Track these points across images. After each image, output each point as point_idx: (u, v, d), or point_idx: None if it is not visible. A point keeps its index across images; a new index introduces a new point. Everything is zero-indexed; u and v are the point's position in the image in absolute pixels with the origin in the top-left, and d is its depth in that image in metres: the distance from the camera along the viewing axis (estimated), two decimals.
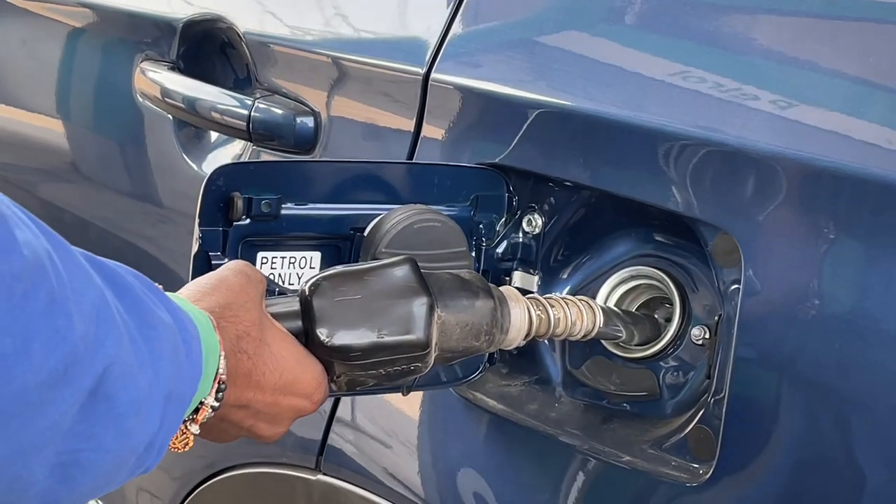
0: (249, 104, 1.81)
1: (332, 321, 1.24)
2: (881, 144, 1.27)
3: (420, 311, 1.27)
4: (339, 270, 1.28)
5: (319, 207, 1.45)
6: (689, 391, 1.49)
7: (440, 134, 1.60)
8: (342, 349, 1.24)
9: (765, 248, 1.32)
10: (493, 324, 1.35)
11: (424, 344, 1.27)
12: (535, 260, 1.57)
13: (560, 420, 1.54)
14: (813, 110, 1.32)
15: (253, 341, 1.18)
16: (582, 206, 1.55)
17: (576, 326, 1.44)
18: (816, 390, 1.29)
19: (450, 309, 1.31)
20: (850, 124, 1.29)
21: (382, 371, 1.27)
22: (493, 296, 1.35)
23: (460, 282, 1.34)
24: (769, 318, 1.32)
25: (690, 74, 1.41)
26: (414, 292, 1.28)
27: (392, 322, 1.26)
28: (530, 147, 1.51)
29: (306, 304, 1.25)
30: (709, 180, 1.36)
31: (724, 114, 1.35)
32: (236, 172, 1.40)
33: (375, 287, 1.27)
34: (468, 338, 1.33)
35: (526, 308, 1.40)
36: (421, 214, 1.44)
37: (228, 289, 1.19)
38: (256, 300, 1.21)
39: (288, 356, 1.21)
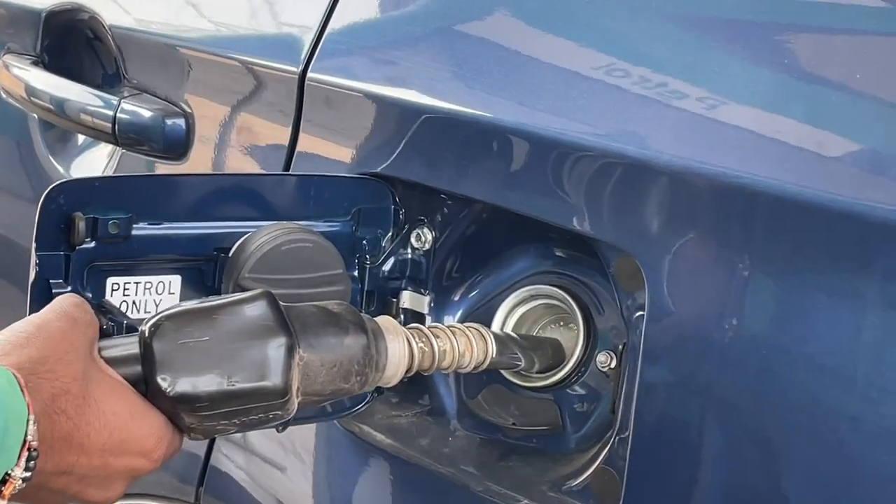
0: (115, 104, 1.65)
1: (174, 367, 1.09)
2: (796, 157, 1.13)
3: (277, 353, 1.12)
4: (185, 308, 1.13)
5: (178, 227, 1.30)
6: (594, 424, 1.36)
7: (319, 139, 1.46)
8: (186, 399, 1.09)
9: (670, 271, 1.19)
10: (366, 362, 1.20)
11: (283, 391, 1.12)
12: (426, 278, 1.43)
13: (454, 456, 1.40)
14: (723, 118, 1.18)
15: (74, 398, 1.03)
16: (475, 219, 1.41)
17: (464, 358, 1.30)
18: (729, 428, 1.16)
19: (314, 349, 1.16)
20: (765, 135, 1.15)
21: (237, 420, 1.12)
22: (365, 330, 1.21)
23: (327, 316, 1.19)
24: (676, 347, 1.19)
25: (590, 77, 1.26)
26: (270, 332, 1.13)
27: (244, 367, 1.11)
28: (417, 155, 1.38)
29: (146, 347, 1.11)
30: (609, 196, 1.22)
31: (627, 122, 1.21)
32: (79, 189, 1.24)
33: (226, 327, 1.12)
34: (336, 379, 1.18)
35: (406, 341, 1.25)
36: (290, 234, 1.29)
37: (47, 337, 1.04)
38: (82, 348, 1.06)
39: (121, 411, 1.06)
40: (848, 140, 1.11)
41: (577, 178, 1.24)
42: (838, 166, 1.11)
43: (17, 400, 0.97)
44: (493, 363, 1.33)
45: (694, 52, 1.22)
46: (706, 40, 1.23)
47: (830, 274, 1.09)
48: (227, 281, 1.28)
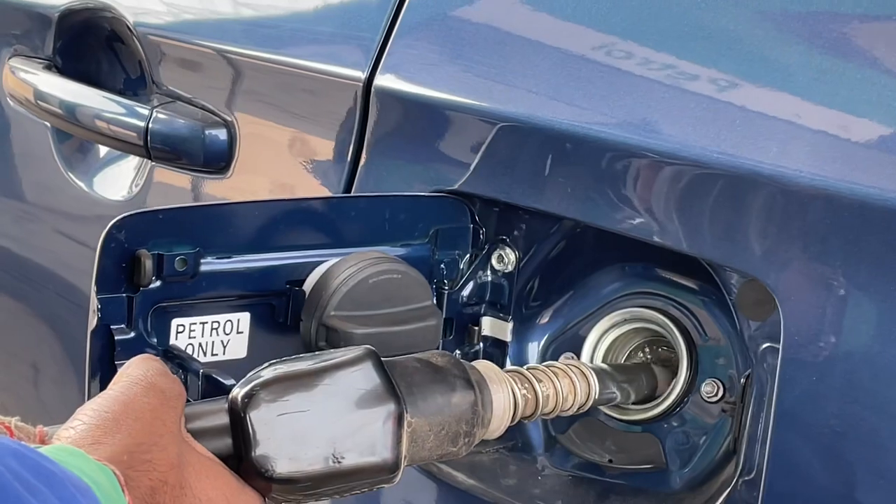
0: (146, 114, 1.51)
1: (273, 445, 0.97)
2: None
3: (387, 424, 1.00)
4: (281, 373, 1.00)
5: (247, 259, 1.18)
6: (702, 461, 1.24)
7: (385, 154, 1.33)
8: (288, 481, 0.97)
9: (808, 297, 1.07)
10: (475, 421, 1.09)
11: (394, 465, 1.01)
12: (508, 303, 1.32)
13: (545, 497, 1.30)
14: (873, 132, 1.06)
15: (171, 489, 0.90)
16: (563, 237, 1.29)
17: (567, 402, 1.19)
18: (876, 475, 1.04)
19: (422, 412, 1.04)
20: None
21: (339, 495, 1.00)
22: (472, 385, 1.09)
23: (433, 372, 1.07)
24: (818, 384, 1.07)
25: (708, 79, 1.14)
26: (378, 398, 1.01)
27: (352, 442, 0.99)
28: (496, 169, 1.26)
29: (238, 420, 0.98)
30: (734, 217, 1.10)
31: (757, 134, 1.09)
32: (142, 223, 1.12)
33: (329, 395, 0.99)
34: (444, 443, 1.06)
35: (510, 389, 1.13)
36: (377, 265, 1.17)
37: (137, 419, 0.90)
38: (174, 427, 0.93)
39: (216, 497, 0.94)
40: None
41: (696, 197, 1.12)
42: None
43: (117, 496, 0.83)
44: (595, 403, 1.22)
45: (829, 62, 1.10)
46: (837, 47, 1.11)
47: None
48: (309, 319, 1.16)
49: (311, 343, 1.16)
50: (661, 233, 1.16)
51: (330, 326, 1.15)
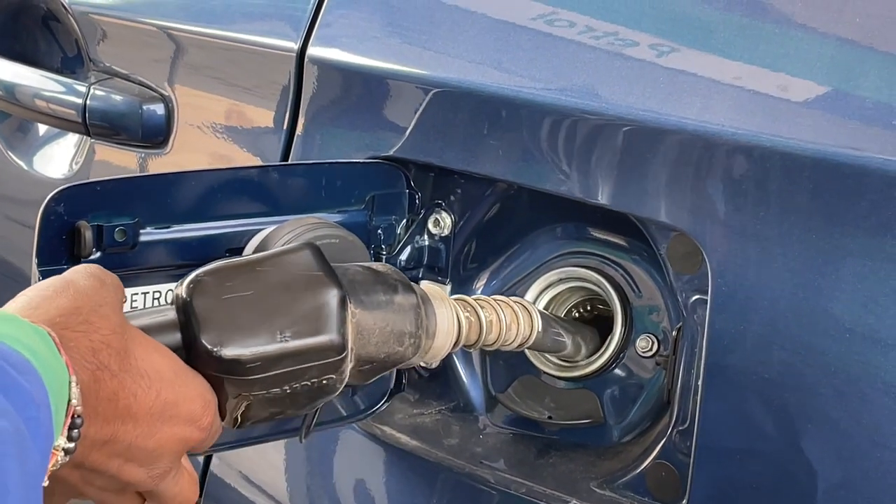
0: (84, 91, 1.52)
1: (221, 325, 0.97)
2: (876, 125, 1.05)
3: (331, 305, 1.01)
4: (223, 263, 1.02)
5: (186, 229, 1.19)
6: (638, 414, 1.27)
7: (321, 123, 1.35)
8: (237, 361, 0.97)
9: (735, 250, 1.09)
10: (419, 323, 1.10)
11: (340, 346, 1.01)
12: (445, 266, 1.34)
13: (487, 455, 1.31)
14: (789, 85, 1.09)
15: (116, 353, 0.90)
16: (498, 200, 1.31)
17: (510, 332, 1.20)
18: (809, 420, 1.08)
19: (365, 305, 1.05)
20: (830, 105, 1.07)
21: (288, 388, 1.00)
22: (414, 291, 1.11)
23: (374, 274, 1.09)
24: (746, 332, 1.10)
25: (632, 40, 1.17)
26: (321, 283, 1.02)
27: (297, 320, 0.99)
28: (431, 135, 1.28)
29: (185, 306, 0.98)
30: (661, 173, 1.13)
31: (680, 91, 1.12)
32: (81, 195, 1.13)
33: (272, 279, 1.00)
34: (390, 341, 1.07)
35: (453, 309, 1.15)
36: (315, 230, 1.19)
37: (77, 290, 0.91)
38: (116, 306, 0.94)
39: (165, 370, 0.94)
40: None
41: (625, 155, 1.14)
42: None
43: (55, 361, 0.84)
44: (539, 342, 1.23)
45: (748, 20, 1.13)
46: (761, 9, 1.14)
47: None
48: None
49: None
50: (590, 191, 1.18)
51: None
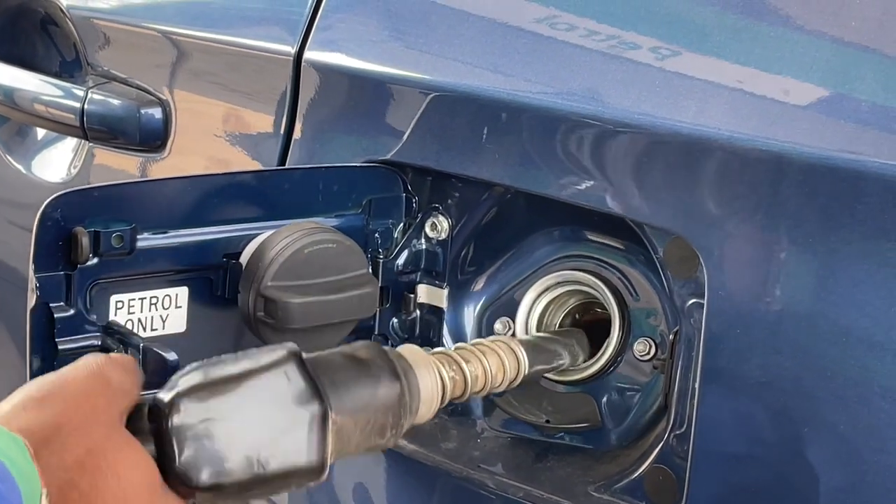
0: (82, 95, 1.52)
1: (196, 453, 0.96)
2: (871, 130, 1.05)
3: (312, 426, 1.00)
4: (203, 379, 0.99)
5: (183, 234, 1.19)
6: (636, 418, 1.27)
7: (318, 127, 1.35)
8: (213, 488, 0.97)
9: (732, 254, 1.10)
10: (402, 412, 1.08)
11: (320, 467, 1.01)
12: (443, 270, 1.34)
13: (484, 459, 1.31)
14: (786, 89, 1.09)
15: (88, 473, 0.90)
16: (495, 204, 1.32)
17: (497, 379, 1.20)
18: (806, 425, 1.07)
19: (347, 409, 1.03)
20: (827, 109, 1.07)
21: (265, 497, 1.01)
22: (398, 375, 1.08)
23: (356, 366, 1.06)
24: (743, 336, 1.10)
25: (628, 43, 1.17)
26: (302, 400, 1.00)
27: (277, 447, 0.98)
28: (428, 138, 1.28)
29: (161, 429, 0.97)
30: (657, 177, 1.13)
31: (676, 94, 1.12)
32: (77, 201, 1.13)
33: (252, 398, 0.99)
34: (371, 437, 1.06)
35: (436, 373, 1.13)
36: (312, 235, 1.19)
37: (66, 399, 0.91)
38: (106, 415, 0.93)
39: (141, 489, 0.93)
40: None
41: (621, 159, 1.15)
42: None
43: (29, 470, 0.84)
44: (529, 376, 1.23)
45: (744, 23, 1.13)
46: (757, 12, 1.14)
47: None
48: (246, 291, 1.17)
49: (249, 314, 1.18)
50: (586, 195, 1.18)
51: (267, 297, 1.16)
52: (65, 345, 1.13)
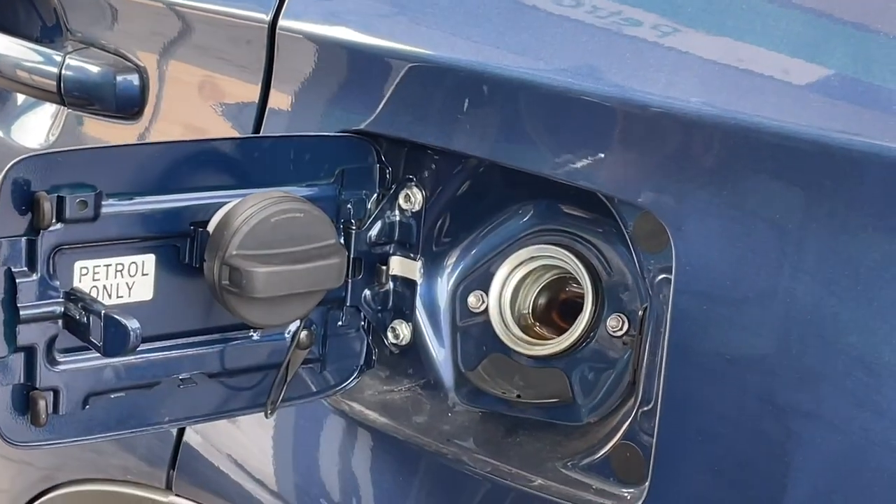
0: (59, 60, 1.51)
1: None
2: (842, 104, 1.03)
3: None
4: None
5: (150, 201, 1.18)
6: (607, 394, 1.26)
7: (293, 96, 1.34)
8: None
9: (700, 229, 1.08)
10: None
11: None
12: (417, 242, 1.33)
13: (455, 433, 1.31)
14: (756, 62, 1.07)
15: None
16: (469, 177, 1.30)
17: None
18: (769, 402, 1.06)
19: None
20: (797, 82, 1.05)
21: None
22: None
23: None
24: (710, 313, 1.09)
25: (599, 13, 1.15)
26: None
27: None
28: (403, 109, 1.27)
29: None
30: (627, 150, 1.12)
31: (646, 66, 1.10)
32: (41, 165, 1.12)
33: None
34: None
35: None
36: (279, 204, 1.18)
37: None
38: None
39: None
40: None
41: (591, 131, 1.13)
42: (885, 114, 1.02)
43: None
44: None
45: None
46: None
47: (884, 231, 1.00)
48: (212, 259, 1.16)
49: (214, 283, 1.17)
50: (558, 168, 1.17)
51: (232, 266, 1.15)
52: (27, 310, 1.12)
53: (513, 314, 1.31)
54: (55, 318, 1.13)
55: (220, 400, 1.27)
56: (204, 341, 1.24)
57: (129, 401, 1.21)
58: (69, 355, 1.16)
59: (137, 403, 1.22)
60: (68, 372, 1.16)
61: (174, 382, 1.23)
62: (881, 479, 1.02)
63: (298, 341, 1.28)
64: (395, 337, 1.34)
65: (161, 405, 1.24)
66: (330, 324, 1.32)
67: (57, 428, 1.18)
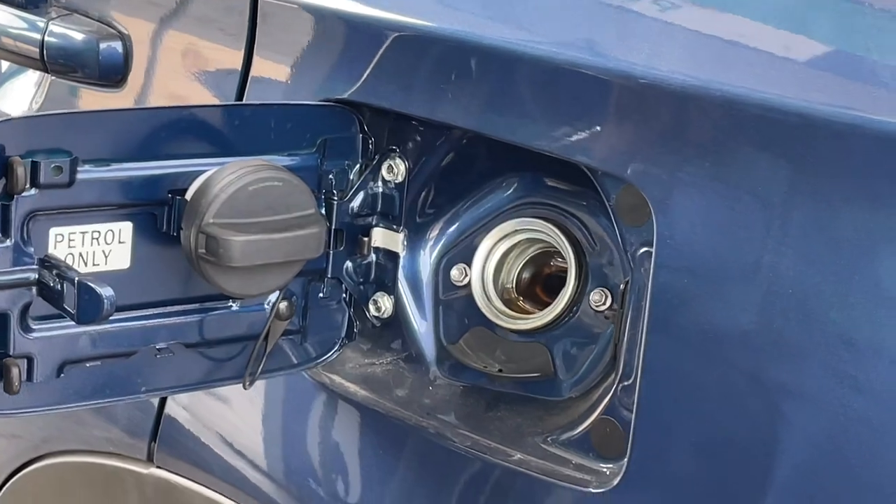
0: (42, 26, 1.49)
1: None
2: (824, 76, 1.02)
3: None
4: None
5: (127, 168, 1.16)
6: (590, 369, 1.25)
7: (276, 63, 1.32)
8: None
9: (681, 203, 1.07)
10: None
11: None
12: (399, 214, 1.31)
13: (435, 407, 1.29)
14: (739, 32, 1.06)
15: None
16: (453, 148, 1.29)
17: None
18: (750, 377, 1.05)
19: None
20: (780, 53, 1.04)
21: None
22: None
23: None
24: (689, 288, 1.07)
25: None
26: None
27: None
28: (387, 79, 1.25)
29: None
30: (610, 121, 1.10)
31: (630, 35, 1.09)
32: (15, 130, 1.10)
33: None
34: None
35: None
36: (257, 172, 1.16)
37: None
38: None
39: None
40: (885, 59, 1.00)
41: (574, 102, 1.12)
42: (870, 86, 1.01)
43: None
44: None
45: None
46: None
47: (866, 203, 0.99)
48: (189, 227, 1.15)
49: (191, 252, 1.16)
50: (542, 139, 1.15)
51: (209, 234, 1.14)
52: (0, 276, 1.11)
53: (496, 288, 1.30)
54: (29, 284, 1.12)
55: (198, 371, 1.26)
56: (182, 311, 1.23)
57: (106, 370, 1.20)
58: (44, 323, 1.15)
59: (114, 373, 1.21)
60: (42, 339, 1.15)
61: (151, 352, 1.22)
62: (861, 455, 1.01)
63: (278, 312, 1.27)
64: (376, 309, 1.33)
65: (138, 375, 1.22)
66: (311, 295, 1.30)
67: (31, 396, 1.16)
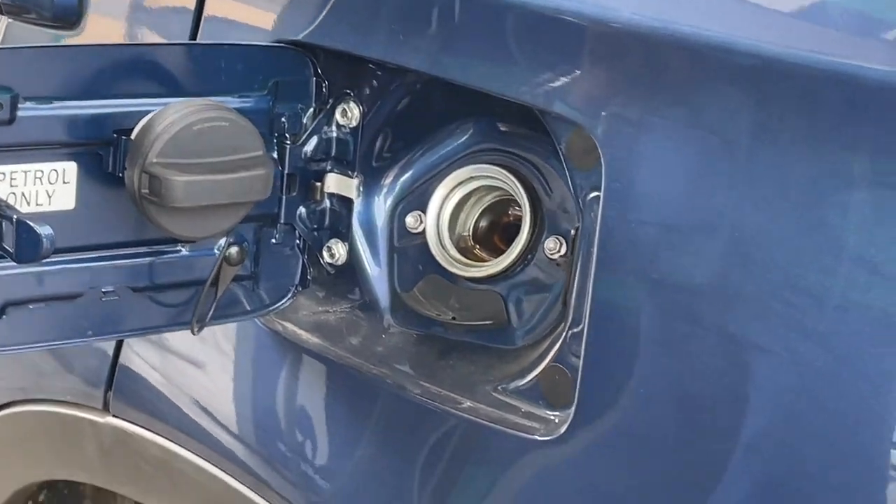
0: None
1: None
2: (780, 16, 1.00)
3: None
4: None
5: (71, 106, 1.14)
6: (543, 317, 1.23)
7: (229, 3, 1.30)
8: None
9: (630, 146, 1.05)
10: None
11: None
12: (354, 159, 1.29)
13: (388, 355, 1.28)
14: None
15: None
16: (408, 92, 1.27)
17: None
18: (693, 323, 1.03)
19: None
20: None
21: None
22: None
23: None
24: (637, 233, 1.05)
25: None
26: None
27: None
28: (342, 20, 1.24)
29: None
30: (560, 63, 1.08)
31: None
32: None
33: None
34: None
35: None
36: (202, 112, 1.14)
37: None
38: None
39: None
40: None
41: (525, 43, 1.10)
42: (825, 26, 0.99)
43: None
44: None
45: None
46: None
47: (820, 146, 0.97)
48: (133, 167, 1.13)
49: (135, 192, 1.14)
50: (494, 81, 1.13)
51: (152, 174, 1.12)
52: None
53: (451, 235, 1.28)
54: None
55: (145, 315, 1.24)
56: (129, 254, 1.21)
57: (50, 312, 1.18)
58: None
59: (58, 315, 1.19)
60: None
61: (97, 295, 1.20)
62: (814, 406, 0.99)
63: (228, 257, 1.25)
64: (330, 256, 1.31)
65: (84, 318, 1.20)
66: (263, 241, 1.28)
67: None
